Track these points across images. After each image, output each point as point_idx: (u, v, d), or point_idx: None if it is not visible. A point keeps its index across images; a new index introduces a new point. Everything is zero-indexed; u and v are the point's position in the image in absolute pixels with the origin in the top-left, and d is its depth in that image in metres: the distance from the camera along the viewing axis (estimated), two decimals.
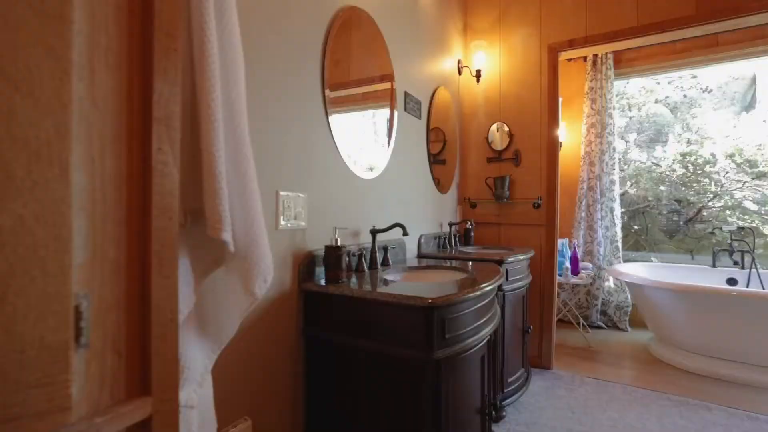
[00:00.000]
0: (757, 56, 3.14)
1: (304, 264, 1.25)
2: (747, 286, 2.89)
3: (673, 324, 2.61)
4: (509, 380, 1.97)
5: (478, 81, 2.69)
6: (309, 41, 1.31)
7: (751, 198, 3.99)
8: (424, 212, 2.22)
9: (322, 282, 1.25)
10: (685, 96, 4.69)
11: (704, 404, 2.07)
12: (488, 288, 1.28)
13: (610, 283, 3.40)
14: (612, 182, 3.39)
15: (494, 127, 2.69)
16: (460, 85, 2.77)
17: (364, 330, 1.12)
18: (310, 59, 1.32)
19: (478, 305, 1.24)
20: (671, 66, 3.39)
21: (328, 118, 1.40)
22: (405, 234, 1.48)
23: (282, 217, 1.17)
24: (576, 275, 3.00)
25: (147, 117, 0.42)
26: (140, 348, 0.41)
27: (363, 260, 1.47)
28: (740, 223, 3.92)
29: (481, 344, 1.26)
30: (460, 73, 2.73)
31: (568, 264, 3.00)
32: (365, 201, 1.65)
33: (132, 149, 0.41)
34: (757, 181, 3.92)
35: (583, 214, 3.47)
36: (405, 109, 1.97)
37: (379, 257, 1.65)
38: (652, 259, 4.13)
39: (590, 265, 3.29)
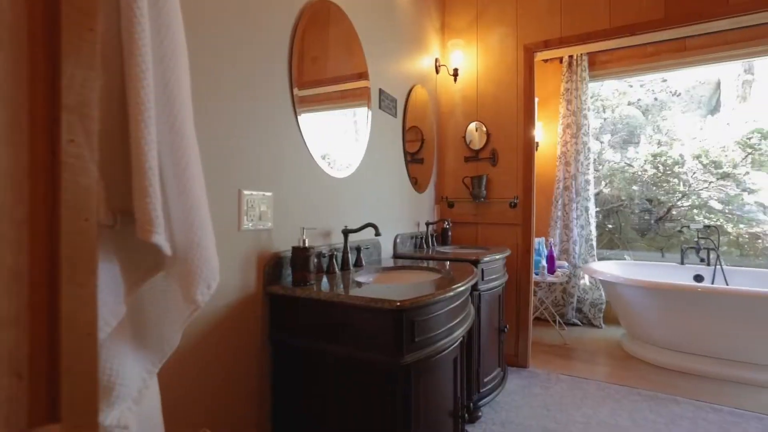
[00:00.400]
0: (722, 61, 3.25)
1: (270, 266, 1.20)
2: (712, 283, 2.99)
3: (643, 320, 2.67)
4: (485, 380, 1.97)
5: (455, 80, 2.68)
6: (275, 39, 1.25)
7: (716, 198, 4.15)
8: (400, 211, 2.20)
9: (289, 284, 1.20)
10: (655, 99, 4.84)
11: (673, 398, 2.12)
12: (461, 288, 1.26)
13: (586, 281, 3.47)
14: (587, 182, 3.45)
15: (472, 126, 2.69)
16: (437, 83, 2.75)
17: (332, 334, 1.08)
18: (277, 57, 1.26)
19: (451, 306, 1.21)
20: (643, 69, 3.48)
21: (297, 116, 1.35)
22: (377, 234, 1.45)
23: (245, 218, 1.11)
24: (552, 274, 3.04)
25: (55, 104, 0.37)
26: (47, 368, 0.36)
27: (334, 261, 1.43)
28: (706, 221, 4.06)
29: (454, 346, 1.24)
30: (437, 71, 2.71)
31: (544, 263, 3.04)
32: (338, 200, 1.61)
33: (35, 140, 0.36)
34: (721, 182, 4.08)
35: (559, 214, 3.52)
36: (380, 107, 1.94)
37: (351, 258, 1.61)
38: (626, 257, 4.23)
39: (566, 264, 3.34)
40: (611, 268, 3.17)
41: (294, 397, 1.17)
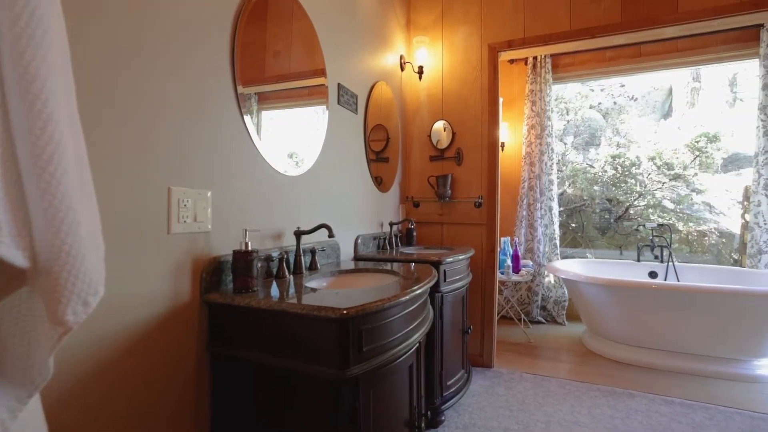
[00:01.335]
0: (673, 68, 3.40)
1: (208, 272, 1.09)
2: (665, 279, 3.12)
3: (602, 317, 2.73)
4: (448, 383, 1.93)
5: (420, 77, 2.64)
6: (214, 30, 1.15)
7: (668, 197, 4.36)
8: (362, 211, 2.12)
9: (230, 292, 1.10)
10: (615, 103, 5.03)
11: (628, 392, 2.17)
12: (418, 291, 1.20)
13: (550, 279, 3.53)
14: (551, 182, 3.51)
15: (437, 125, 2.65)
16: (402, 81, 2.70)
17: (275, 345, 1.00)
18: (217, 50, 1.16)
19: (406, 312, 1.15)
20: (602, 73, 3.58)
21: (241, 111, 1.24)
22: (331, 236, 1.36)
23: (177, 219, 1.00)
24: (517, 273, 3.06)
25: None
26: None
27: (284, 265, 1.34)
28: (660, 220, 4.25)
29: (409, 353, 1.18)
30: (402, 69, 2.66)
31: (510, 262, 3.05)
32: (291, 200, 1.51)
33: None
34: (673, 182, 4.28)
35: (524, 213, 3.56)
36: (339, 102, 1.86)
37: (306, 261, 1.52)
38: (588, 255, 4.37)
39: (530, 263, 3.39)
40: (573, 267, 3.24)
41: (235, 414, 1.08)
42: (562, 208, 4.59)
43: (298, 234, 1.44)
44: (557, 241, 3.53)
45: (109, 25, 0.85)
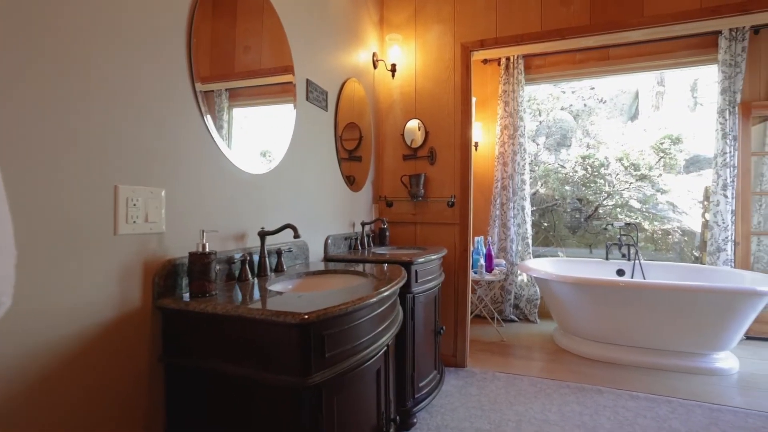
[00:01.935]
0: (638, 71, 3.53)
1: (161, 276, 1.02)
2: (632, 276, 3.22)
3: (571, 314, 2.79)
4: (420, 384, 1.91)
5: (393, 75, 2.61)
6: (168, 21, 1.08)
7: (635, 197, 4.52)
8: (333, 211, 2.07)
9: (186, 297, 1.03)
10: (585, 105, 5.18)
11: (597, 388, 2.22)
12: (386, 293, 1.17)
13: (523, 278, 3.58)
14: (523, 181, 3.56)
15: (410, 123, 2.63)
16: (375, 79, 2.67)
17: (234, 353, 0.94)
18: (172, 42, 1.09)
19: (373, 314, 1.12)
20: (572, 75, 3.66)
21: (200, 106, 1.18)
22: (296, 236, 1.31)
23: (125, 219, 0.93)
24: (490, 272, 3.08)
25: None
26: None
27: (247, 267, 1.28)
28: (627, 219, 4.40)
29: (377, 356, 1.15)
30: (375, 66, 2.63)
31: (483, 261, 3.07)
32: (256, 199, 1.45)
33: None
34: (639, 183, 4.44)
35: (497, 213, 3.60)
36: (307, 99, 1.80)
37: (272, 263, 1.46)
38: (559, 253, 4.47)
39: (503, 262, 3.42)
40: (544, 265, 3.30)
41: (192, 425, 1.01)
42: (534, 208, 4.68)
43: (263, 234, 1.38)
44: (530, 240, 3.59)
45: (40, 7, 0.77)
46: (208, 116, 1.21)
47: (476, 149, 3.72)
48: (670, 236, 4.36)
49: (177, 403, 1.03)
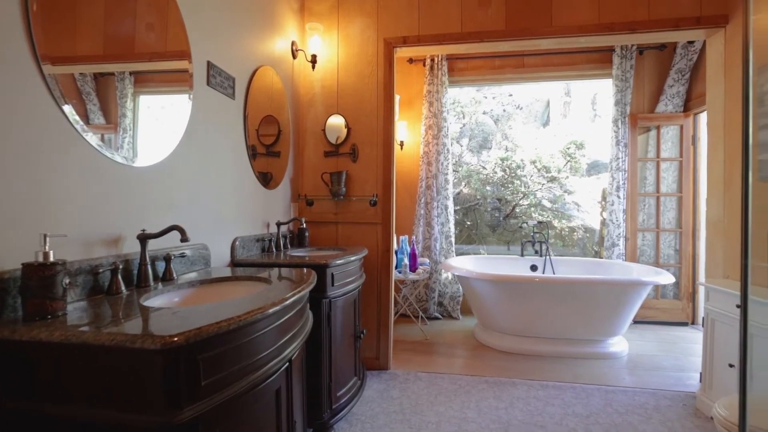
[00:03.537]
0: (549, 80, 3.81)
1: None
2: (544, 271, 3.45)
3: (490, 309, 2.89)
4: (339, 394, 1.80)
5: (313, 67, 2.46)
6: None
7: (547, 197, 4.90)
8: (242, 211, 1.87)
9: (18, 320, 0.80)
10: (504, 110, 5.50)
11: (511, 381, 2.31)
12: (289, 301, 1.04)
13: (447, 275, 3.65)
14: (446, 181, 3.63)
15: (332, 119, 2.51)
16: (294, 70, 2.49)
17: (85, 392, 0.74)
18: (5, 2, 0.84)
19: (270, 326, 0.98)
20: (492, 79, 3.84)
21: (48, 86, 0.93)
22: (183, 239, 1.12)
23: None
24: (414, 271, 3.08)
25: None
26: None
27: (119, 277, 1.05)
28: (540, 218, 4.76)
29: (276, 374, 1.01)
30: (294, 56, 2.45)
31: (407, 260, 3.06)
32: (137, 196, 1.22)
33: None
34: (550, 184, 4.83)
35: (422, 212, 3.63)
36: (209, 83, 1.58)
37: (159, 270, 1.24)
38: (481, 251, 4.67)
39: (427, 261, 3.46)
40: (465, 263, 3.39)
41: None
42: (458, 207, 4.85)
43: (143, 238, 1.15)
44: (453, 239, 3.68)
45: None
46: (68, 105, 0.98)
47: (402, 148, 3.72)
48: (575, 233, 4.81)
49: None
